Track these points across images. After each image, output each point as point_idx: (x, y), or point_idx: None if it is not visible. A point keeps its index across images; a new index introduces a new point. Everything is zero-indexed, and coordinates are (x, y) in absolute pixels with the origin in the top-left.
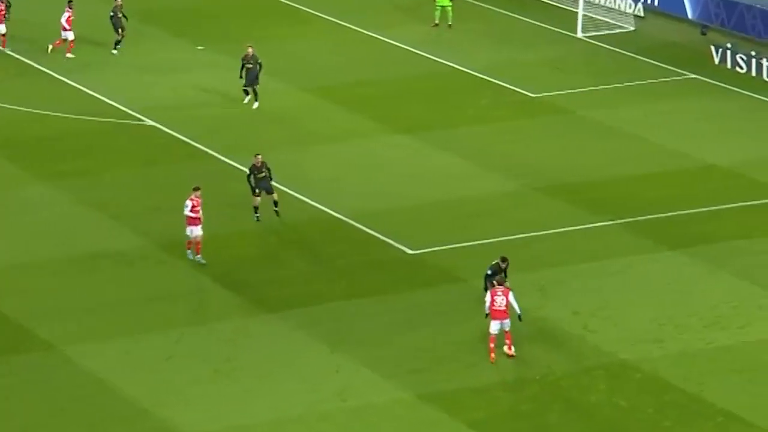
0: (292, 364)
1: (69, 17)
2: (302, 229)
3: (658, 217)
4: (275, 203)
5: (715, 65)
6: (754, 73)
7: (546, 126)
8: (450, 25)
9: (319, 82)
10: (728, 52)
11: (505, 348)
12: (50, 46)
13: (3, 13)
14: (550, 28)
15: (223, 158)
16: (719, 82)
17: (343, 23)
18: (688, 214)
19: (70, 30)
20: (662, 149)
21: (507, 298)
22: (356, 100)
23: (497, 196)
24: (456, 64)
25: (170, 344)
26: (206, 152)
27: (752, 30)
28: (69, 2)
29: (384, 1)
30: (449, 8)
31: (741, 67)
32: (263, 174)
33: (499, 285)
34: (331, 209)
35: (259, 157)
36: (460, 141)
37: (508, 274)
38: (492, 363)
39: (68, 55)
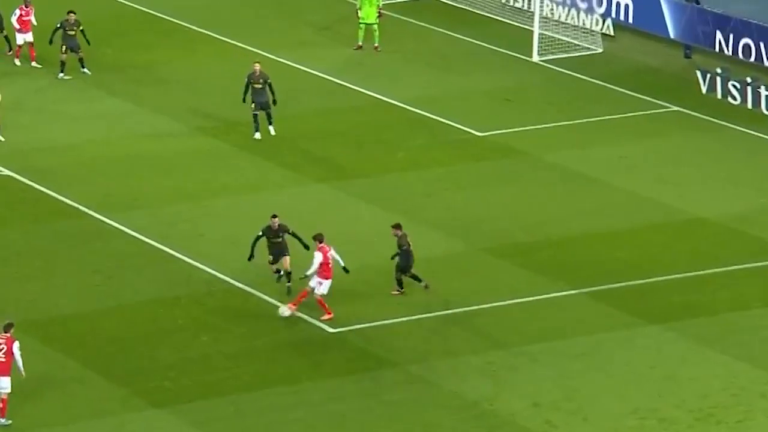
0: None
1: (20, 17)
2: (199, 304)
3: (633, 284)
4: (287, 275)
5: (703, 95)
6: (750, 105)
7: (495, 171)
8: (377, 47)
9: (216, 120)
10: (718, 78)
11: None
12: (16, 60)
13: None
14: (500, 50)
15: (96, 215)
16: (707, 115)
17: (243, 45)
18: (670, 279)
19: (20, 31)
20: (637, 199)
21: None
22: (262, 142)
23: (436, 259)
24: (384, 95)
25: None
26: (75, 208)
27: (747, 52)
28: (25, 0)
29: (295, 17)
30: (376, 26)
31: (734, 97)
32: (280, 239)
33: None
34: (232, 278)
35: (276, 219)
36: (389, 191)
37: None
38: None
39: (16, 61)
